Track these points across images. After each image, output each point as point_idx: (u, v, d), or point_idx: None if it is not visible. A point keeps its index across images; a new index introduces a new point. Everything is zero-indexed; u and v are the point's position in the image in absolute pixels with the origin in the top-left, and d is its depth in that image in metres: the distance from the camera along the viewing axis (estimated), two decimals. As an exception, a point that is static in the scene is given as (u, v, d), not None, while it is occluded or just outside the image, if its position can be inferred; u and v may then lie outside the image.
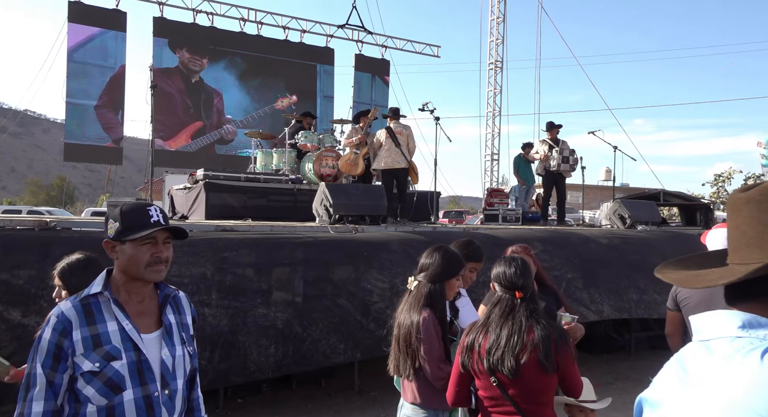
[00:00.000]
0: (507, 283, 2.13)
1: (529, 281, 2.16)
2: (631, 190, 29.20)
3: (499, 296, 2.14)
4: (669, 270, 0.88)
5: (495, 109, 18.40)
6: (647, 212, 8.36)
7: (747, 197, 0.79)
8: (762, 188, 0.78)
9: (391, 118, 7.51)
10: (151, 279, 1.63)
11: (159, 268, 1.63)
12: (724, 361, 0.72)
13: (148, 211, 1.63)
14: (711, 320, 0.79)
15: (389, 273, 4.93)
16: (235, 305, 4.25)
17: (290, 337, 4.35)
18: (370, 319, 4.67)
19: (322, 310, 4.55)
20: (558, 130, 9.05)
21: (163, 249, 1.63)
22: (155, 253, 1.61)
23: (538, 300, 2.20)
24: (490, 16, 18.19)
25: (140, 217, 1.61)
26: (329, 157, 8.31)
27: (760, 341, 0.71)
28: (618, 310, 6.02)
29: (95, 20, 11.82)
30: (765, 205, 0.77)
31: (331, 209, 6.11)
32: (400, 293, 2.52)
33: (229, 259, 4.39)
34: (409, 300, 2.40)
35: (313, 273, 4.65)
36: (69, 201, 44.04)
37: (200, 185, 7.64)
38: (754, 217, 0.78)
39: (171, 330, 1.67)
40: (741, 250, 0.79)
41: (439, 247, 2.47)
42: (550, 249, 6.04)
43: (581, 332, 2.79)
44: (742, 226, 0.79)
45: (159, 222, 1.62)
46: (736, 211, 0.81)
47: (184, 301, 1.79)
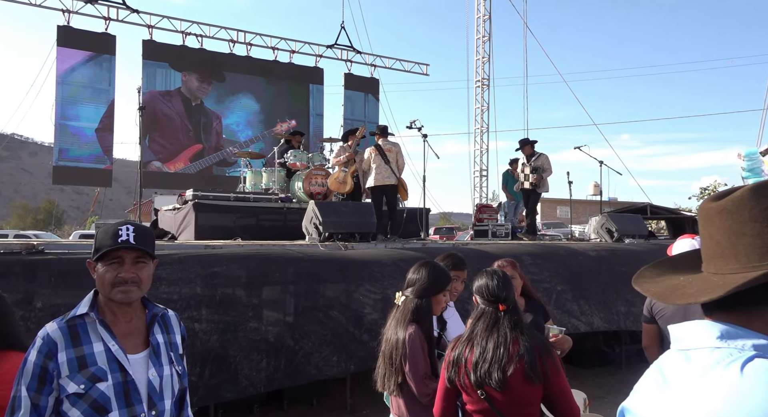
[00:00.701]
0: (489, 296, 2.16)
1: (511, 293, 2.18)
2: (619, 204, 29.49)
3: (483, 309, 2.16)
4: (645, 280, 0.88)
5: (483, 126, 18.62)
6: (634, 226, 8.47)
7: (719, 207, 0.79)
8: (734, 198, 0.78)
9: (379, 135, 7.60)
10: (119, 300, 1.59)
11: (124, 288, 1.58)
12: (704, 371, 0.73)
13: (118, 231, 1.60)
14: (690, 330, 0.79)
15: (381, 285, 4.98)
16: (225, 320, 4.26)
17: (282, 350, 4.35)
18: (363, 330, 4.70)
19: (314, 323, 4.57)
20: (529, 146, 8.96)
21: (131, 269, 1.59)
22: (119, 274, 1.58)
23: (521, 312, 2.24)
24: (476, 35, 18.53)
25: (108, 236, 1.59)
26: (318, 175, 8.37)
27: (739, 352, 0.72)
28: (607, 322, 6.07)
29: (84, 44, 11.92)
30: (737, 216, 0.77)
31: (320, 227, 6.14)
32: (393, 305, 2.56)
33: (219, 273, 4.41)
34: (396, 315, 2.42)
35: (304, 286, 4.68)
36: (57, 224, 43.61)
37: (189, 205, 7.66)
38: (727, 227, 0.77)
39: (159, 350, 1.66)
40: (716, 260, 0.79)
41: (426, 263, 2.51)
42: (539, 262, 6.10)
43: (569, 344, 2.83)
44: (716, 236, 0.79)
45: (127, 241, 1.58)
46: (708, 221, 0.81)
47: (173, 319, 1.78)
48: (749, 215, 0.75)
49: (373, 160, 7.39)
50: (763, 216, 0.74)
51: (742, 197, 0.77)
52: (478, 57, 18.53)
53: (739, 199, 0.77)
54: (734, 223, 0.77)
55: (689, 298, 0.78)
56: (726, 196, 0.79)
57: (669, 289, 0.83)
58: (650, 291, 0.85)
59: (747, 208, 0.76)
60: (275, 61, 14.52)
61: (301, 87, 14.73)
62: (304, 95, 14.74)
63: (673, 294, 0.81)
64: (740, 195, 0.77)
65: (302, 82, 14.79)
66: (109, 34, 12.31)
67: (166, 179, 12.96)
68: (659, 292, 0.83)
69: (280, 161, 8.85)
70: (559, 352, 2.72)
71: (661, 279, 0.87)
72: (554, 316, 5.46)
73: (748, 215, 0.75)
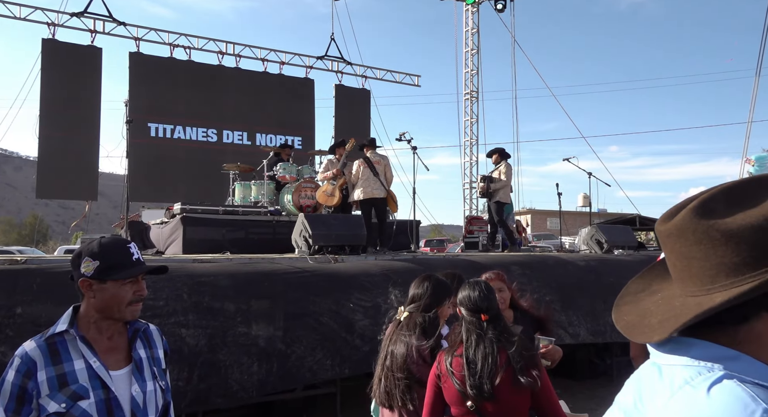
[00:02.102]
0: (472, 307, 2.19)
1: (494, 303, 2.21)
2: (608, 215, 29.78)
3: (468, 320, 2.19)
4: (627, 299, 0.89)
5: (472, 138, 18.77)
6: (624, 237, 8.55)
7: (666, 231, 0.79)
8: (677, 222, 0.78)
9: (368, 148, 7.65)
10: (131, 317, 1.63)
11: (138, 306, 1.63)
12: (673, 391, 0.74)
13: (129, 249, 1.63)
14: (664, 345, 0.80)
15: (371, 293, 5.04)
16: (213, 324, 4.24)
17: (273, 354, 4.35)
18: (355, 335, 4.72)
19: (306, 328, 4.59)
20: (497, 155, 8.84)
21: (143, 286, 1.64)
22: (138, 292, 1.62)
23: (506, 321, 2.27)
24: (465, 48, 18.75)
25: (122, 255, 1.61)
26: (308, 188, 8.38)
27: (708, 371, 0.72)
28: (594, 334, 6.11)
29: (70, 57, 11.88)
30: (684, 239, 0.77)
31: (310, 240, 6.14)
32: (383, 311, 2.57)
33: (206, 282, 4.42)
34: (401, 330, 2.42)
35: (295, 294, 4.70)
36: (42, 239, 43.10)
37: (177, 219, 7.62)
38: (677, 250, 0.78)
39: (141, 365, 1.65)
40: (677, 281, 0.81)
41: (429, 276, 2.53)
42: (527, 272, 6.15)
43: (559, 355, 2.84)
44: (671, 259, 0.81)
45: (139, 260, 1.63)
46: (662, 243, 0.82)
47: (156, 334, 1.78)
48: (693, 238, 0.75)
49: (361, 173, 7.42)
50: (706, 237, 0.74)
51: (684, 220, 0.77)
52: (467, 70, 18.74)
53: (681, 222, 0.77)
54: (682, 247, 0.77)
55: (645, 335, 0.79)
56: (672, 218, 0.79)
57: (638, 316, 0.83)
58: (621, 321, 0.85)
59: (690, 230, 0.75)
60: (265, 72, 14.58)
61: (290, 99, 14.76)
62: (293, 107, 14.78)
63: (639, 324, 0.82)
64: (682, 217, 0.77)
65: (292, 94, 14.83)
66: (95, 47, 12.29)
67: (153, 193, 12.87)
68: (629, 323, 0.84)
69: (269, 174, 8.86)
70: (550, 362, 2.74)
71: (643, 295, 0.88)
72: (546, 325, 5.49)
73: (693, 239, 0.75)
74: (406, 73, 16.91)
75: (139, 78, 12.77)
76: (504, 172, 8.61)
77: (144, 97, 12.61)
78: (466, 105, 18.81)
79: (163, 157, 12.93)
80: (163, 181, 12.86)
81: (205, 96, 13.57)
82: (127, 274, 1.59)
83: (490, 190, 8.59)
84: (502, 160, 8.75)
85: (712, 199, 0.77)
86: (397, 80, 16.72)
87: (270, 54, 14.76)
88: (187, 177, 13.06)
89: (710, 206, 0.76)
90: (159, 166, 12.83)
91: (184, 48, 13.51)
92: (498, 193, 8.60)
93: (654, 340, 0.77)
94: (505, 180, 8.59)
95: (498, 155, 8.84)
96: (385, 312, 4.49)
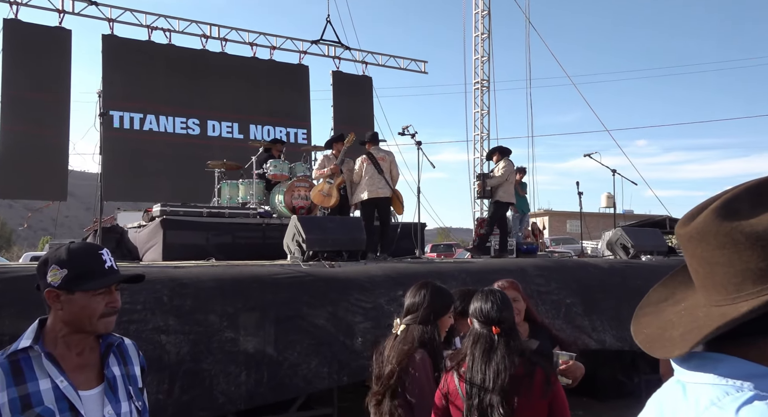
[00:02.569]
0: (483, 318, 2.21)
1: (508, 315, 2.24)
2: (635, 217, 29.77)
3: (478, 333, 2.21)
4: (648, 310, 0.89)
5: (483, 132, 18.80)
6: (652, 241, 8.55)
7: (687, 235, 0.80)
8: (698, 224, 0.78)
9: (370, 143, 7.66)
10: (104, 330, 1.62)
11: (112, 318, 1.62)
12: (698, 412, 0.74)
13: (101, 256, 1.62)
14: (688, 361, 0.80)
15: (371, 294, 5.10)
16: (197, 330, 4.26)
17: (264, 361, 4.37)
18: (355, 339, 4.78)
19: (299, 332, 4.63)
20: (498, 154, 8.94)
21: (117, 297, 1.63)
22: (111, 303, 1.60)
23: (519, 334, 2.28)
24: (475, 33, 18.77)
25: (93, 262, 1.60)
26: (302, 187, 8.39)
27: (737, 391, 0.72)
28: (621, 341, 6.14)
29: (35, 39, 11.84)
30: (705, 243, 0.77)
31: (304, 245, 6.15)
32: (386, 313, 2.59)
33: (189, 284, 4.44)
34: (398, 345, 2.43)
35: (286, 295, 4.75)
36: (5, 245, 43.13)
37: (156, 222, 7.64)
38: (699, 255, 0.78)
39: (115, 384, 1.64)
40: (701, 289, 0.81)
41: (425, 283, 2.54)
42: (545, 273, 6.21)
43: (581, 372, 2.83)
44: (693, 264, 0.81)
45: (113, 267, 1.62)
46: (683, 247, 0.82)
47: (131, 349, 1.77)
48: (716, 242, 0.75)
49: (365, 171, 7.43)
50: (730, 241, 0.74)
51: (705, 222, 0.77)
52: (477, 56, 18.76)
53: (702, 224, 0.77)
54: (704, 252, 0.77)
55: (666, 349, 0.79)
56: (693, 220, 0.79)
57: (659, 329, 0.83)
58: (640, 334, 0.85)
59: (712, 233, 0.76)
60: (254, 57, 14.58)
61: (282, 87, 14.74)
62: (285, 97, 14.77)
63: (659, 338, 0.82)
64: (703, 220, 0.77)
65: (285, 82, 14.79)
66: (63, 29, 12.25)
67: (130, 192, 12.86)
68: (649, 336, 0.84)
69: (258, 172, 8.87)
70: (570, 381, 2.74)
71: (666, 306, 0.88)
72: (564, 332, 5.53)
73: (715, 243, 0.75)
74: (411, 58, 16.78)
75: (114, 64, 12.74)
76: (502, 167, 8.67)
77: (119, 85, 12.59)
78: (476, 95, 18.84)
79: (140, 152, 12.90)
80: (141, 179, 12.83)
81: (188, 84, 13.54)
82: (98, 284, 1.57)
83: (487, 187, 8.64)
84: (502, 158, 8.83)
85: (735, 199, 0.76)
86: (402, 67, 16.56)
87: (259, 37, 14.78)
88: (167, 175, 13.03)
89: (734, 207, 0.76)
90: (136, 163, 12.80)
91: (163, 30, 13.52)
92: (497, 191, 8.65)
93: (674, 354, 0.77)
94: (500, 176, 8.62)
95: (498, 154, 8.93)
96: (388, 314, 4.51)
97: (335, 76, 15.55)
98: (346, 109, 15.39)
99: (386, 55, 16.47)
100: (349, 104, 15.46)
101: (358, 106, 15.62)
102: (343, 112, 15.33)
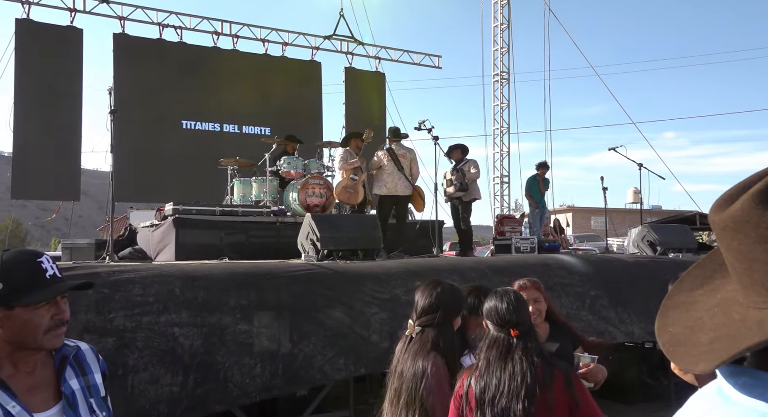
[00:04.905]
0: (499, 321, 2.18)
1: (525, 316, 2.21)
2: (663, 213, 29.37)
3: (494, 336, 2.18)
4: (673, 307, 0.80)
5: (503, 126, 18.67)
6: (681, 237, 8.43)
7: (722, 223, 0.70)
8: (734, 212, 0.68)
9: (392, 139, 7.67)
10: (51, 346, 1.51)
11: (60, 331, 1.50)
12: None
13: (40, 264, 1.49)
14: (736, 375, 0.72)
15: (387, 284, 5.15)
16: (210, 322, 4.30)
17: (278, 353, 4.41)
18: (371, 330, 4.81)
19: (314, 323, 4.67)
20: (459, 151, 8.88)
21: (65, 308, 1.51)
22: (56, 315, 1.49)
23: (537, 336, 2.25)
24: (493, 23, 18.65)
25: (31, 272, 1.47)
26: (316, 185, 8.38)
27: None
28: (650, 334, 6.08)
29: (47, 39, 12.01)
30: (743, 236, 0.67)
31: (318, 244, 6.15)
32: (403, 303, 2.59)
33: (201, 276, 4.49)
34: (412, 348, 2.42)
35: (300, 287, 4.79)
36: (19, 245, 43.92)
37: (169, 221, 7.69)
38: (735, 248, 0.69)
39: (74, 400, 1.54)
40: (737, 285, 0.72)
41: (438, 282, 2.51)
42: (567, 266, 6.19)
43: (603, 374, 2.79)
44: (729, 257, 0.72)
45: (56, 275, 1.50)
46: (717, 237, 0.73)
47: (89, 355, 1.66)
48: (756, 235, 0.66)
49: (385, 166, 7.45)
50: None
51: (743, 210, 0.67)
52: (495, 47, 18.63)
53: (739, 212, 0.67)
54: (741, 245, 0.68)
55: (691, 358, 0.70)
56: (728, 207, 0.69)
57: (687, 328, 0.74)
58: (665, 333, 0.76)
59: (752, 225, 0.66)
60: (265, 54, 14.64)
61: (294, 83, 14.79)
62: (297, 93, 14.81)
63: (686, 341, 0.73)
64: (741, 206, 0.67)
65: (297, 78, 14.85)
66: (75, 28, 12.42)
67: (143, 191, 13.01)
68: (674, 337, 0.75)
69: (272, 169, 8.89)
70: (592, 384, 2.70)
71: (700, 295, 0.78)
72: (590, 324, 5.49)
73: (755, 235, 0.66)
74: (425, 53, 16.78)
75: (125, 63, 12.89)
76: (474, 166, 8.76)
77: (130, 83, 12.71)
78: (495, 88, 18.72)
79: (152, 150, 13.03)
80: (153, 178, 12.96)
81: (199, 82, 13.64)
82: (40, 297, 1.45)
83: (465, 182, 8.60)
84: (464, 157, 8.83)
85: None
86: (415, 62, 16.61)
87: (271, 34, 14.82)
88: (179, 173, 13.14)
89: None
90: (148, 162, 12.93)
91: (174, 28, 13.61)
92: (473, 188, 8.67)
93: (698, 369, 0.68)
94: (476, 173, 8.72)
95: (461, 151, 8.86)
96: (404, 304, 4.51)
97: (347, 72, 15.58)
98: (358, 106, 15.42)
99: (400, 50, 16.47)
100: (361, 101, 15.51)
101: (371, 102, 15.66)
102: (354, 109, 15.36)
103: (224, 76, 13.98)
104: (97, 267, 4.70)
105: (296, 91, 14.74)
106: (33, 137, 11.73)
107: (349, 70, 15.65)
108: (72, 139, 12.19)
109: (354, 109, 15.40)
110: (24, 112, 11.66)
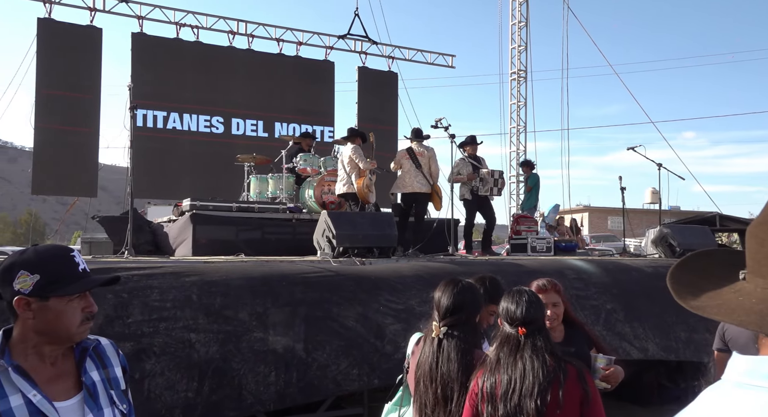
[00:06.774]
0: (510, 319, 2.22)
1: (537, 316, 2.23)
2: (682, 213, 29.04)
3: (506, 334, 2.22)
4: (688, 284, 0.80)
5: (520, 125, 18.58)
6: (701, 239, 8.31)
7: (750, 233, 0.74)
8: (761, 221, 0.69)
9: (413, 139, 7.72)
10: (80, 338, 1.56)
11: (89, 324, 1.56)
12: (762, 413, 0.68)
13: (73, 258, 1.55)
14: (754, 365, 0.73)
15: (402, 295, 5.13)
16: (226, 329, 4.32)
17: (293, 362, 4.42)
18: (386, 341, 4.79)
19: (329, 333, 4.67)
20: (475, 146, 8.71)
21: (92, 302, 1.57)
22: (87, 308, 1.55)
23: (549, 335, 2.25)
24: (511, 21, 18.55)
25: (66, 266, 1.53)
26: (332, 182, 8.41)
27: None
28: (664, 350, 6.00)
29: (67, 38, 12.19)
30: None
31: (334, 241, 6.17)
32: (417, 315, 2.59)
33: (218, 282, 4.49)
34: (440, 348, 2.40)
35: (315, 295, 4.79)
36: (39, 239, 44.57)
37: (186, 217, 7.76)
38: None
39: (95, 391, 1.57)
40: None
41: (457, 281, 2.51)
42: (584, 277, 6.10)
43: (620, 376, 2.77)
44: None
45: (86, 270, 1.56)
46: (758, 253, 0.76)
47: (110, 349, 1.70)
48: None
49: (403, 165, 7.54)
50: None
51: None
52: (513, 46, 18.55)
53: None
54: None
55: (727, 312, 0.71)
56: None
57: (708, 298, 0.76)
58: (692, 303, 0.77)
59: None
60: (280, 54, 14.72)
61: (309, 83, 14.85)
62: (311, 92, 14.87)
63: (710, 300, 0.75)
64: None
65: (310, 78, 14.91)
66: (94, 27, 12.60)
67: (160, 187, 13.15)
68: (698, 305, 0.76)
69: (288, 166, 8.93)
70: (609, 386, 2.70)
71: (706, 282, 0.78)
72: (604, 339, 5.42)
73: None
74: (438, 52, 16.76)
75: (143, 61, 13.05)
76: None
77: (148, 82, 12.86)
78: (513, 86, 18.63)
79: (170, 147, 13.21)
80: (171, 174, 13.14)
81: (215, 81, 13.78)
82: (75, 289, 1.50)
83: None
84: None
85: None
86: (429, 61, 16.57)
87: (286, 33, 14.89)
88: (196, 169, 13.32)
89: None
90: (166, 158, 13.12)
91: (191, 27, 13.73)
92: None
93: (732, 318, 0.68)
94: None
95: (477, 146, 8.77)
96: (419, 315, 4.50)
97: (361, 72, 15.62)
98: (371, 106, 15.45)
99: (413, 50, 16.44)
100: (373, 100, 15.53)
101: (384, 102, 15.69)
102: (367, 109, 15.41)
103: (239, 77, 14.09)
104: (116, 266, 4.69)
105: (310, 92, 14.83)
106: (53, 135, 11.94)
107: (362, 69, 15.69)
108: (91, 137, 12.38)
109: (366, 109, 15.45)
110: (45, 109, 11.88)
